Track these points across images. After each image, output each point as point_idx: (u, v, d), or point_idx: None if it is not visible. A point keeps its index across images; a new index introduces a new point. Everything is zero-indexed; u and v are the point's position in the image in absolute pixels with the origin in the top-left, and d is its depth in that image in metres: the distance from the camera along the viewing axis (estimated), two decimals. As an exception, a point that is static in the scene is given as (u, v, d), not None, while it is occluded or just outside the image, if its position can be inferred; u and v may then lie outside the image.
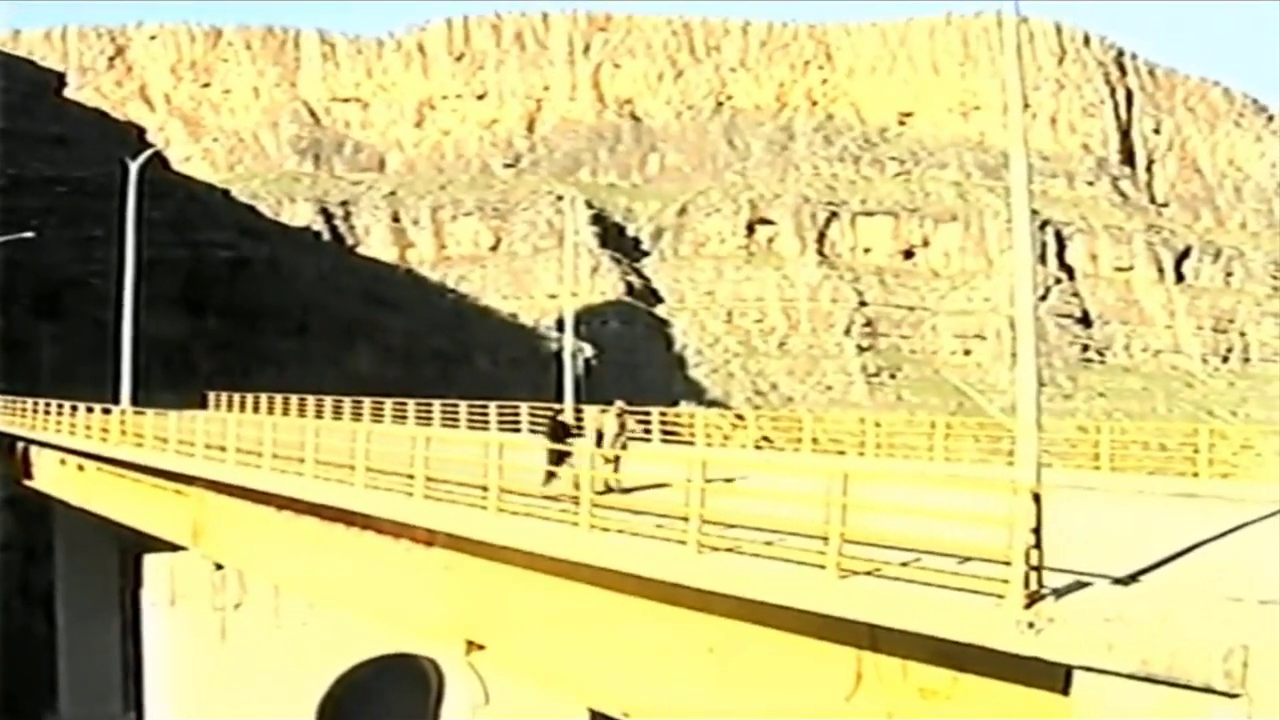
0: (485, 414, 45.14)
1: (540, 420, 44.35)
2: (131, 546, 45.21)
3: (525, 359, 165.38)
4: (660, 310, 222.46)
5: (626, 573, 19.23)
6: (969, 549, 14.88)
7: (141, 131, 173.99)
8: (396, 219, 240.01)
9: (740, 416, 41.85)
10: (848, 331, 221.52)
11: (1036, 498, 13.85)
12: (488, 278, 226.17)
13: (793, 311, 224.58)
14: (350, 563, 29.26)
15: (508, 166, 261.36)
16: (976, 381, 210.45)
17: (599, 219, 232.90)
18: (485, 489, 22.86)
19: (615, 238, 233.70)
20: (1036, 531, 13.75)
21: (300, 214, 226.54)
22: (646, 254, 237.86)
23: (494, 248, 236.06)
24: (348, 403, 52.69)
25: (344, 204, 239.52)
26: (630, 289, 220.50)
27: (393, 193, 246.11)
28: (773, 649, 17.48)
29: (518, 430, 43.28)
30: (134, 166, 55.65)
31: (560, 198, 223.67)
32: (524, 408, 44.20)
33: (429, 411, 47.76)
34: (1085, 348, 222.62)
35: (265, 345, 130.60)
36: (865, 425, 34.90)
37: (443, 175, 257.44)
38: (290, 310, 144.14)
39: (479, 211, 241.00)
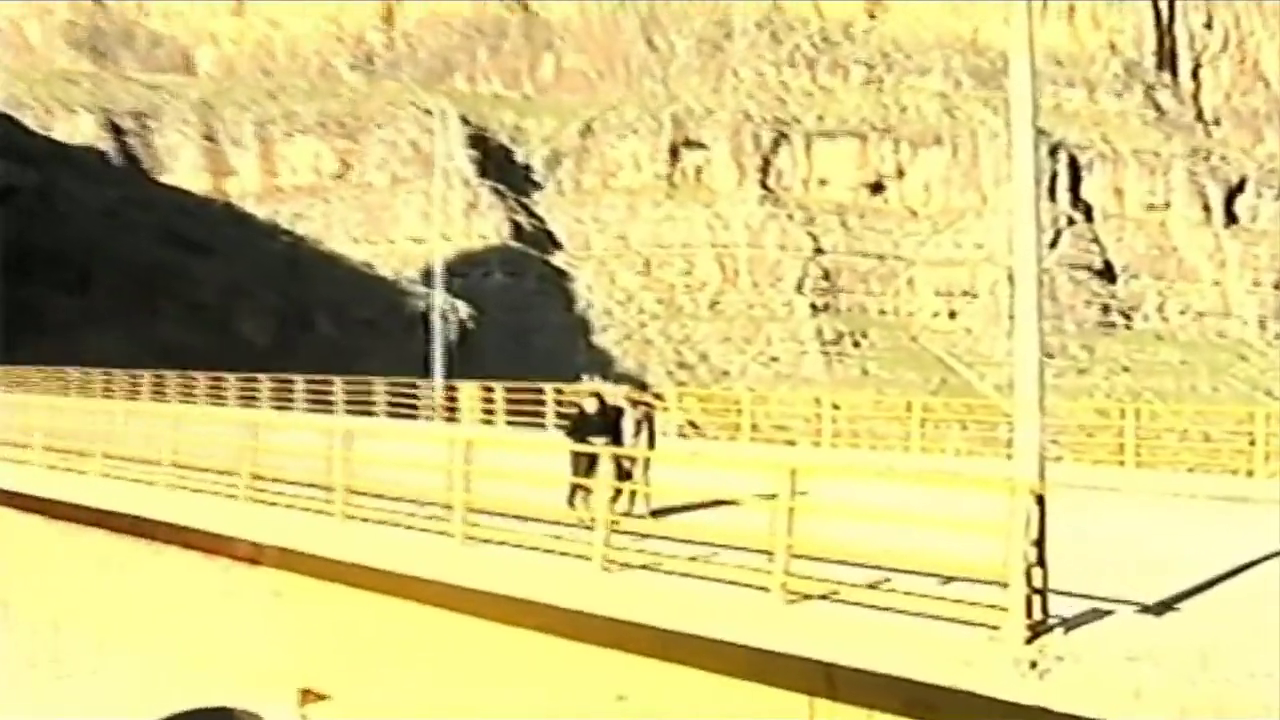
0: (330, 393, 45.00)
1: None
2: None
3: (382, 321, 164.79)
4: (557, 259, 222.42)
5: (513, 597, 19.16)
6: (953, 566, 14.98)
7: None
8: (210, 138, 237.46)
9: (659, 395, 41.90)
10: (799, 287, 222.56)
11: (1040, 500, 13.92)
12: (332, 215, 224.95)
13: (728, 261, 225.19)
14: (150, 590, 28.99)
15: (356, 69, 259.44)
16: (964, 352, 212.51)
17: (478, 141, 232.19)
18: (330, 489, 22.73)
19: (499, 165, 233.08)
20: (1040, 543, 13.84)
21: (80, 129, 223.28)
22: (539, 186, 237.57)
23: (340, 176, 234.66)
24: (148, 376, 52.17)
25: (139, 116, 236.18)
26: (518, 231, 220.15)
27: (204, 102, 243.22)
28: (701, 696, 17.51)
29: (372, 414, 43.20)
30: None
31: (428, 112, 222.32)
32: (380, 383, 44.11)
33: (255, 390, 47.46)
34: (1106, 308, 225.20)
35: (35, 302, 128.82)
36: (821, 407, 35.18)
37: (271, 80, 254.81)
38: (69, 256, 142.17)
39: (320, 129, 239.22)
